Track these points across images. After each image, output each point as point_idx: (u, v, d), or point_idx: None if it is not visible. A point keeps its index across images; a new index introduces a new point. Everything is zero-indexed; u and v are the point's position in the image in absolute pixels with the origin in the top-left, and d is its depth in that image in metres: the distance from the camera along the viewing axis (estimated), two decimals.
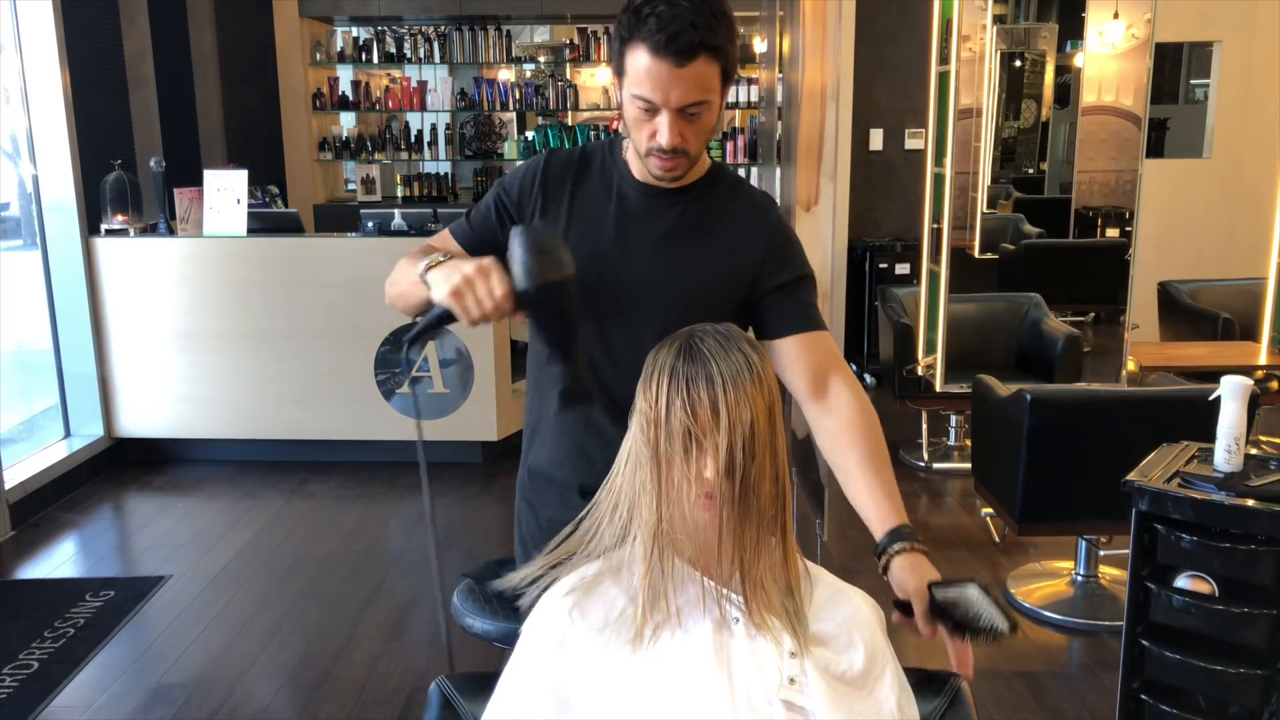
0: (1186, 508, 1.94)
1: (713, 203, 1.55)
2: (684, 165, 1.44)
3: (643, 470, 1.18)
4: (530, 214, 1.55)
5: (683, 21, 1.32)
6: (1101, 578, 3.48)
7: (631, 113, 1.40)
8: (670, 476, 1.16)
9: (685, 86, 1.35)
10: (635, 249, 1.52)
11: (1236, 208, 6.17)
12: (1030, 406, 3.09)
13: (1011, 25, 6.67)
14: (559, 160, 1.59)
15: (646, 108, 1.37)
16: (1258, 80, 6.11)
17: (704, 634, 1.13)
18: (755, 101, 6.21)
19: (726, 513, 1.15)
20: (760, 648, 1.13)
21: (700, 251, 1.53)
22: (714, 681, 1.10)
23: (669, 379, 1.16)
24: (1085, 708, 2.82)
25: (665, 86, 1.34)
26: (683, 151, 1.41)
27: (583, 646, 1.14)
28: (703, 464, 1.14)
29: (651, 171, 1.46)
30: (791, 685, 1.12)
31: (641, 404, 1.19)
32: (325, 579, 3.65)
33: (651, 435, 1.17)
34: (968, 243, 5.19)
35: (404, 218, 4.75)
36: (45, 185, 4.56)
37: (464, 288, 1.29)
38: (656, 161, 1.42)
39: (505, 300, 1.29)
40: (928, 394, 4.61)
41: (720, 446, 1.13)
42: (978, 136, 5.07)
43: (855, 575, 1.44)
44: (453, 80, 6.92)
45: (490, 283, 1.29)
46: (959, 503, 4.41)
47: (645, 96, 1.36)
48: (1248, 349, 4.68)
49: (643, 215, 1.53)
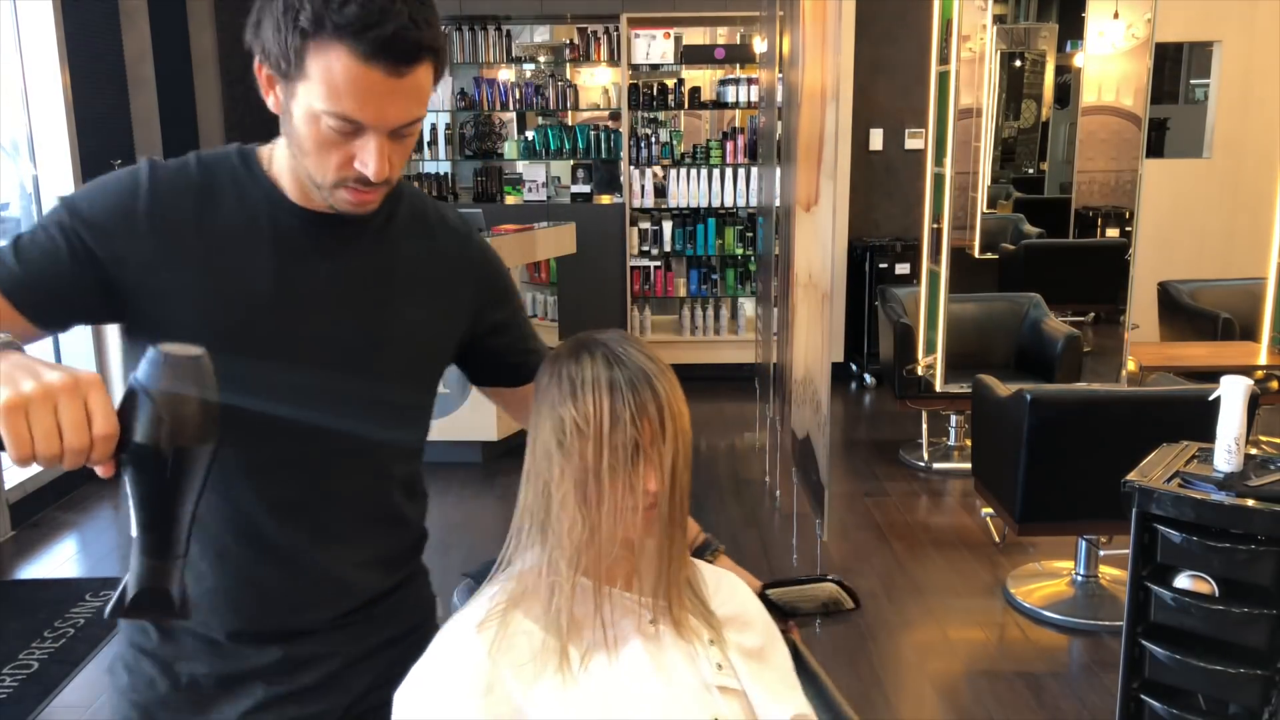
0: (1186, 508, 1.94)
1: (402, 227, 1.19)
2: (382, 196, 1.10)
3: (562, 490, 1.09)
4: (125, 260, 1.06)
5: (398, 16, 0.98)
6: (1101, 578, 3.48)
7: (315, 133, 1.02)
8: (604, 493, 1.07)
9: (404, 102, 1.02)
10: (307, 302, 1.12)
11: (1236, 208, 6.17)
12: (1030, 406, 3.09)
13: (1011, 25, 6.66)
14: (168, 176, 1.10)
15: (345, 129, 1.01)
16: (1258, 80, 6.11)
17: (635, 648, 1.11)
18: (755, 101, 6.21)
19: (662, 524, 1.11)
20: (684, 646, 1.14)
21: (400, 294, 1.18)
22: (657, 690, 1.09)
23: (608, 391, 1.07)
24: (1085, 708, 2.82)
25: (379, 102, 1.00)
26: (387, 181, 1.06)
27: (513, 688, 1.05)
28: (648, 477, 1.08)
29: (336, 205, 1.08)
30: (721, 671, 1.14)
31: (572, 420, 1.07)
32: None
33: (590, 452, 1.07)
34: (968, 243, 5.19)
35: None
36: (45, 185, 4.56)
37: (36, 406, 0.83)
38: (349, 194, 1.06)
39: (105, 446, 0.85)
40: (928, 394, 4.61)
41: (665, 456, 1.08)
42: (978, 136, 5.07)
43: (856, 575, 1.45)
44: (453, 80, 6.91)
45: (82, 411, 0.84)
46: (959, 503, 4.41)
47: (347, 115, 1.00)
48: (1248, 349, 4.68)
49: (311, 255, 1.12)
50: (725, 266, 6.49)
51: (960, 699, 2.91)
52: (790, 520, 3.94)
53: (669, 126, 6.94)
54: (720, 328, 6.52)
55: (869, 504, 4.33)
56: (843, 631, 3.23)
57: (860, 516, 4.20)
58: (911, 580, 3.61)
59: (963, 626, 3.33)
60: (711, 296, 6.53)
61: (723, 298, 6.55)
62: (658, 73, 6.63)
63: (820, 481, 3.04)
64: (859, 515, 4.21)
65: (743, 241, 6.39)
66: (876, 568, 3.69)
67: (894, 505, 4.33)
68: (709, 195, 6.35)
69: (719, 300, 6.54)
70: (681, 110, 6.65)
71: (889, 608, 3.41)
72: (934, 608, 3.44)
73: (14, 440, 0.82)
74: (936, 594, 3.53)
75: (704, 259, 6.47)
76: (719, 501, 4.43)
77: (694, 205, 6.37)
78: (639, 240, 6.42)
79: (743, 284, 6.49)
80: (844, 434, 5.41)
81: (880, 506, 4.31)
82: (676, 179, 6.35)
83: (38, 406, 0.83)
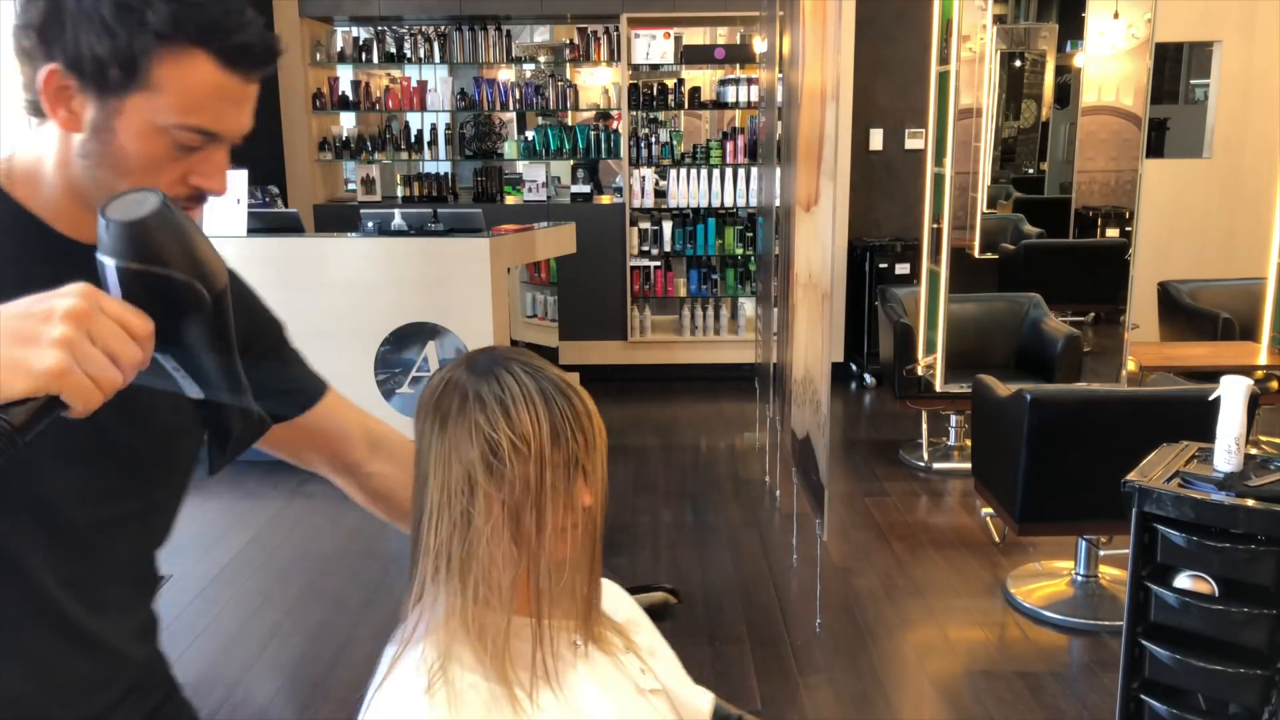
0: (1186, 508, 1.94)
1: None
2: None
3: (491, 522, 0.98)
4: None
5: (251, 22, 0.92)
6: (1101, 578, 3.48)
7: (150, 150, 0.90)
8: (545, 517, 0.99)
9: (250, 109, 0.95)
10: None
11: (1236, 208, 6.17)
12: (1030, 406, 3.09)
13: (1011, 25, 6.67)
14: None
15: (195, 142, 0.91)
16: (1258, 80, 6.11)
17: (577, 674, 1.07)
18: (755, 101, 6.21)
19: (590, 540, 1.04)
20: (610, 659, 1.13)
21: None
22: (612, 711, 1.07)
23: (542, 403, 0.98)
24: (1085, 708, 2.82)
25: (236, 111, 0.93)
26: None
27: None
28: (584, 491, 1.01)
29: None
30: (645, 675, 1.14)
31: (508, 441, 0.97)
32: (325, 579, 3.65)
33: (531, 473, 0.97)
34: (968, 243, 5.19)
35: (404, 218, 4.75)
36: None
37: (79, 353, 0.72)
38: None
39: (151, 343, 0.78)
40: (928, 394, 4.61)
41: (597, 467, 1.01)
42: (978, 136, 5.07)
43: (856, 575, 1.44)
44: (453, 80, 6.92)
45: (112, 323, 0.75)
46: (959, 503, 4.41)
47: (204, 127, 0.91)
48: (1248, 349, 4.68)
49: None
50: (725, 266, 6.49)
51: (960, 699, 2.91)
52: (790, 520, 3.94)
53: (669, 126, 6.94)
54: (720, 328, 6.52)
55: (869, 504, 4.33)
56: (843, 631, 3.23)
57: (860, 516, 4.20)
58: (911, 580, 3.61)
59: (963, 626, 3.33)
60: (711, 296, 6.53)
61: (723, 298, 6.55)
62: (658, 73, 6.63)
63: (820, 481, 3.04)
64: (859, 515, 4.21)
65: (743, 241, 6.39)
66: (876, 568, 3.69)
67: (894, 505, 4.33)
68: (709, 195, 6.35)
69: (719, 300, 6.54)
70: (681, 110, 6.65)
71: (889, 608, 3.41)
72: (934, 608, 3.44)
73: (82, 398, 0.73)
74: (936, 594, 3.53)
75: (704, 259, 6.47)
76: (719, 501, 4.43)
77: (694, 205, 6.37)
78: (639, 240, 6.42)
79: (743, 284, 6.49)
80: (844, 434, 5.41)
81: (880, 506, 4.31)
82: (676, 179, 6.35)
83: (79, 352, 0.72)
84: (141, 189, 0.82)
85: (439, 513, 1.00)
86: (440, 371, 1.05)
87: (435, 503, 1.00)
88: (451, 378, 1.02)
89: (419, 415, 1.04)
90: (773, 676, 2.99)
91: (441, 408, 1.02)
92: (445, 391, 1.02)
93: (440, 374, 1.04)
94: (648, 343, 6.50)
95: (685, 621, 3.29)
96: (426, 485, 1.02)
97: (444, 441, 1.00)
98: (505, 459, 0.98)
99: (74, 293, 0.74)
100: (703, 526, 4.16)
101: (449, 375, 1.03)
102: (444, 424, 1.00)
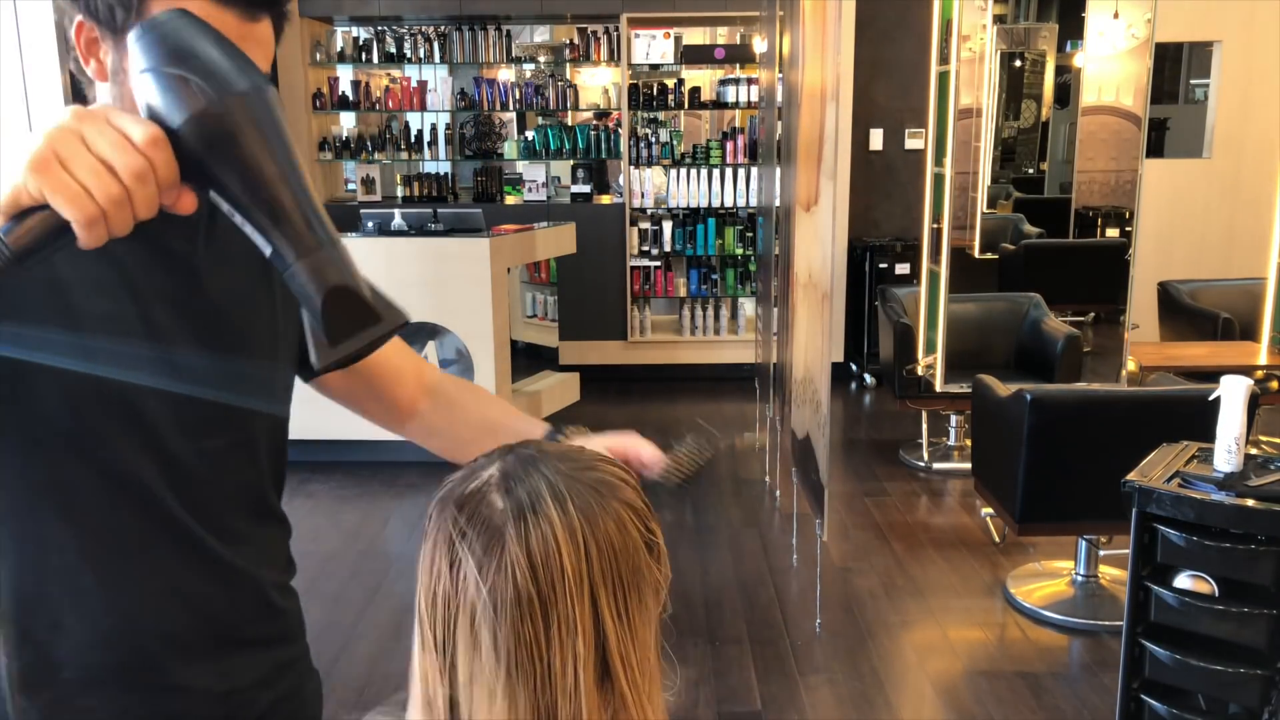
0: (1186, 508, 1.94)
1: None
2: None
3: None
4: None
5: None
6: (1101, 578, 3.48)
7: None
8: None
9: (258, 53, 0.92)
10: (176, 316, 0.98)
11: (1236, 208, 6.17)
12: (1030, 406, 3.09)
13: (1011, 25, 6.67)
14: None
15: None
16: (1258, 80, 6.11)
17: None
18: (755, 101, 6.21)
19: None
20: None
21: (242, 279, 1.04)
22: None
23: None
24: (1085, 708, 2.82)
25: None
26: None
27: None
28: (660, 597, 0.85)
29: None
30: None
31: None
32: (325, 579, 3.65)
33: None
34: (968, 243, 5.19)
35: (404, 218, 4.75)
36: None
37: (63, 148, 0.69)
38: None
39: (162, 152, 0.71)
40: (928, 394, 4.61)
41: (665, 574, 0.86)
42: (978, 136, 5.07)
43: (856, 575, 1.44)
44: (453, 80, 6.92)
45: (113, 129, 0.70)
46: (959, 503, 4.41)
47: None
48: (1248, 349, 4.68)
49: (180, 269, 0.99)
50: (725, 266, 6.49)
51: (960, 699, 2.91)
52: (790, 520, 3.94)
53: (669, 126, 6.94)
54: (720, 328, 6.52)
55: (869, 504, 4.33)
56: (843, 631, 3.23)
57: (860, 516, 4.20)
58: (911, 580, 3.61)
59: (963, 626, 3.33)
60: (711, 296, 6.53)
61: (723, 298, 6.55)
62: (658, 73, 6.63)
63: (820, 481, 3.04)
64: (859, 515, 4.21)
65: (743, 241, 6.39)
66: (876, 568, 3.69)
67: (894, 505, 4.33)
68: (709, 195, 6.35)
69: (719, 300, 6.54)
70: (681, 110, 6.65)
71: (889, 608, 3.41)
72: (934, 608, 3.44)
73: (65, 197, 0.68)
74: (936, 594, 3.53)
75: (704, 259, 6.47)
76: (719, 501, 4.43)
77: (694, 205, 6.37)
78: (639, 240, 6.42)
79: (743, 284, 6.49)
80: (844, 434, 5.41)
81: (880, 506, 4.31)
82: (676, 179, 6.35)
83: (65, 147, 0.69)
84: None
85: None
86: (476, 468, 0.84)
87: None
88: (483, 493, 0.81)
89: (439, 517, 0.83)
90: (773, 676, 2.99)
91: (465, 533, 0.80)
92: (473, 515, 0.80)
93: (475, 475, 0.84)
94: (648, 343, 6.50)
95: (685, 621, 3.29)
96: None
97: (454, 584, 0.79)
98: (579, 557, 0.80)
99: (70, 108, 0.72)
100: (703, 526, 4.16)
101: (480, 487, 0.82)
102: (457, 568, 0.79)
